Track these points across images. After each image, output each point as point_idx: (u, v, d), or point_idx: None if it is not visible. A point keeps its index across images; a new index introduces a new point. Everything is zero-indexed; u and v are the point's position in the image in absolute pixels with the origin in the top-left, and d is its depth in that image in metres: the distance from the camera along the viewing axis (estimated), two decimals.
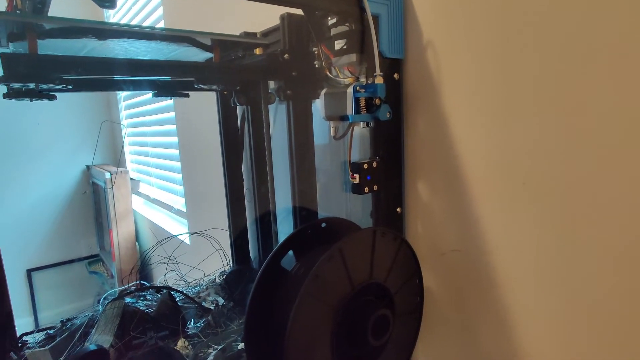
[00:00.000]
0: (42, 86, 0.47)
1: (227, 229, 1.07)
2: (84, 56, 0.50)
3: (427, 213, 0.63)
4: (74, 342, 0.77)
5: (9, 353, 0.78)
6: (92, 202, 2.67)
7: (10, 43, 0.49)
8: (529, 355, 0.54)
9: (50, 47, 0.52)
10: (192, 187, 1.62)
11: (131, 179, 2.32)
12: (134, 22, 2.04)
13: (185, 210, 1.70)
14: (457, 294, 0.61)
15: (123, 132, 2.57)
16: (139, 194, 2.37)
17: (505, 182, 0.53)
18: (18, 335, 0.82)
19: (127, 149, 2.59)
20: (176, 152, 1.73)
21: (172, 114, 1.74)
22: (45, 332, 0.84)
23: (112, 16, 2.42)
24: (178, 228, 1.83)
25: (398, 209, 0.64)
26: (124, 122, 2.56)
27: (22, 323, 2.50)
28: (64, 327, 0.85)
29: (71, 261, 2.70)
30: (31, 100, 0.67)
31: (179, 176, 1.75)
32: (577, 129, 0.46)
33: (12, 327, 0.81)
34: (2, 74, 0.44)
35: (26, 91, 0.63)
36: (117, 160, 2.61)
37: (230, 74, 0.64)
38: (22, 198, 2.53)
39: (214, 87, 0.64)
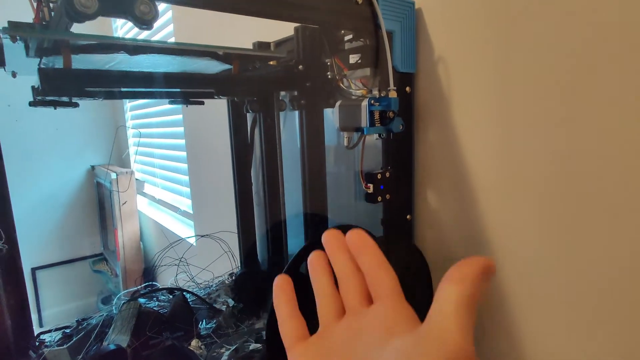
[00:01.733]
0: (75, 99, 0.50)
1: (236, 232, 1.09)
2: (117, 70, 0.52)
3: (436, 221, 0.66)
4: (91, 342, 0.80)
5: (28, 352, 0.80)
6: (96, 201, 2.69)
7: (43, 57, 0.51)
8: None
9: (79, 60, 0.54)
10: (199, 189, 1.64)
11: (136, 179, 2.35)
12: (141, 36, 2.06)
13: (191, 212, 1.72)
14: None
15: (128, 133, 2.59)
16: (143, 194, 2.40)
17: (515, 191, 0.56)
18: (35, 335, 0.85)
19: (132, 149, 2.61)
20: (183, 153, 1.75)
21: (179, 117, 1.76)
22: (61, 331, 0.86)
23: (120, 28, 2.43)
24: (183, 229, 1.85)
25: (408, 216, 0.66)
26: (130, 122, 2.58)
27: None
28: (80, 327, 0.87)
29: (75, 260, 2.72)
30: (55, 108, 0.70)
31: (185, 177, 1.77)
32: (588, 137, 0.48)
33: (30, 326, 0.83)
34: (40, 87, 0.46)
35: (52, 100, 0.66)
36: (129, 162, 2.63)
37: (249, 85, 0.66)
38: (26, 197, 2.55)
39: (233, 97, 0.66)
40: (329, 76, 0.72)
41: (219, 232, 1.19)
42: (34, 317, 2.68)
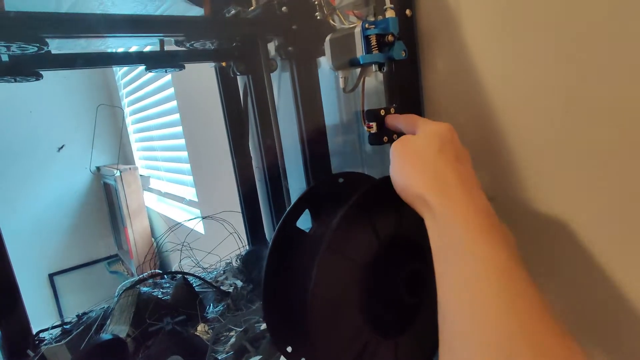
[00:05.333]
0: (15, 48, 0.42)
1: (240, 211, 1.02)
2: (57, 12, 0.45)
3: None
4: (91, 335, 0.74)
5: (26, 351, 0.75)
6: (106, 202, 2.67)
7: None
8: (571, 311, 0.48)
9: (21, 6, 0.47)
10: (202, 175, 1.58)
11: (141, 175, 2.30)
12: None
13: (196, 199, 1.67)
14: None
15: (129, 129, 2.54)
16: (150, 190, 2.35)
17: (543, 116, 0.47)
18: (34, 333, 0.80)
19: (134, 145, 2.56)
20: (182, 141, 1.69)
21: (174, 103, 1.70)
22: (61, 327, 0.81)
23: None
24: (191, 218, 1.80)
25: None
26: (129, 118, 2.53)
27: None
28: (80, 321, 0.82)
29: (91, 263, 2.71)
30: (15, 81, 0.63)
31: (188, 166, 1.71)
32: (620, 55, 0.39)
33: (28, 325, 0.79)
34: None
35: (8, 69, 0.59)
36: (119, 144, 2.58)
37: (224, 27, 0.58)
38: (37, 203, 2.54)
39: (208, 44, 0.58)
40: (318, 16, 0.63)
41: (222, 213, 1.13)
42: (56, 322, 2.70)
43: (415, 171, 0.37)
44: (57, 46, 0.60)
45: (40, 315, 2.47)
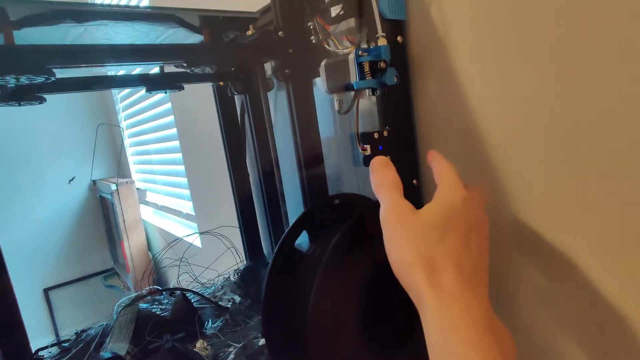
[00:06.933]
0: (24, 79, 0.44)
1: (237, 226, 1.04)
2: (64, 44, 0.47)
3: None
4: (90, 353, 0.75)
5: None
6: (102, 215, 2.67)
7: None
8: (566, 326, 0.50)
9: (29, 38, 0.49)
10: (199, 189, 1.59)
11: (137, 188, 2.31)
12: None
13: (193, 213, 1.68)
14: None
15: (125, 143, 2.55)
16: (146, 203, 2.36)
17: (533, 144, 0.49)
18: (33, 351, 0.80)
19: (131, 159, 2.57)
20: (179, 155, 1.71)
21: (171, 118, 1.72)
22: (60, 345, 0.82)
23: None
24: (189, 233, 1.80)
25: (414, 181, 0.60)
26: (126, 132, 2.55)
27: (44, 342, 2.50)
28: (79, 339, 0.83)
29: (87, 277, 2.70)
30: (19, 104, 0.64)
31: (184, 180, 1.73)
32: (610, 75, 0.41)
33: (27, 343, 0.79)
34: None
35: (12, 94, 0.60)
36: (118, 160, 2.59)
37: (223, 53, 0.60)
38: (32, 218, 2.53)
39: (207, 69, 0.60)
40: (313, 40, 0.66)
41: (220, 228, 1.14)
42: (51, 338, 2.67)
43: (410, 256, 0.33)
44: (60, 71, 0.62)
45: (35, 330, 2.45)
